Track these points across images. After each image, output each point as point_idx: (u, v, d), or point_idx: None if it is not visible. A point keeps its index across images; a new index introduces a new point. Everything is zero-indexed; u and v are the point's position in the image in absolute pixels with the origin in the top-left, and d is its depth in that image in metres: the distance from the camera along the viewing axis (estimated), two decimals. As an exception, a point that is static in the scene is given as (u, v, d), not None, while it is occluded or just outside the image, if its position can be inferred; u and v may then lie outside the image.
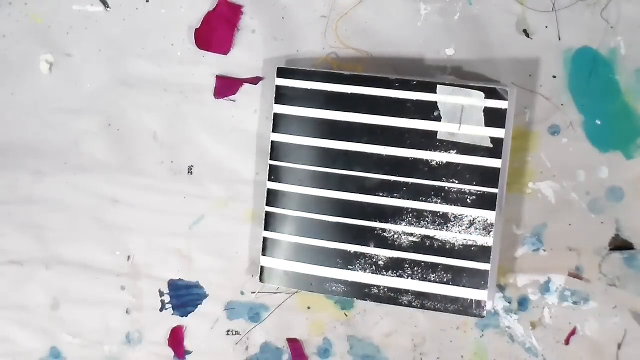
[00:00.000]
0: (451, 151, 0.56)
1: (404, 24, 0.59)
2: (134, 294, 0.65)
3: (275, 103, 0.59)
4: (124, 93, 0.64)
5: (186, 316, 0.64)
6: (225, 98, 0.62)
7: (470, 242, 0.56)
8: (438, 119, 0.56)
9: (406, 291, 0.58)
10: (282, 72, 0.58)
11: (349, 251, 0.58)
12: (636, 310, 0.58)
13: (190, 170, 0.63)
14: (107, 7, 0.63)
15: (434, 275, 0.57)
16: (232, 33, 0.61)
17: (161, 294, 0.64)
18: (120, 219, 0.64)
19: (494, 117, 0.55)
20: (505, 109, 0.55)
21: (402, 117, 0.56)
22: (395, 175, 0.57)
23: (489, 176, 0.56)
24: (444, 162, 0.56)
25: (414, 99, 0.56)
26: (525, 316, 0.60)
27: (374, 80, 0.57)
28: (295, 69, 0.58)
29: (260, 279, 0.60)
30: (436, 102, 0.56)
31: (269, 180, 0.59)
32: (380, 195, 0.57)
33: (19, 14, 0.64)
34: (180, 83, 0.63)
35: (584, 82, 0.58)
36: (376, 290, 0.58)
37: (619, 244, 0.58)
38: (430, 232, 0.57)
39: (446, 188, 0.56)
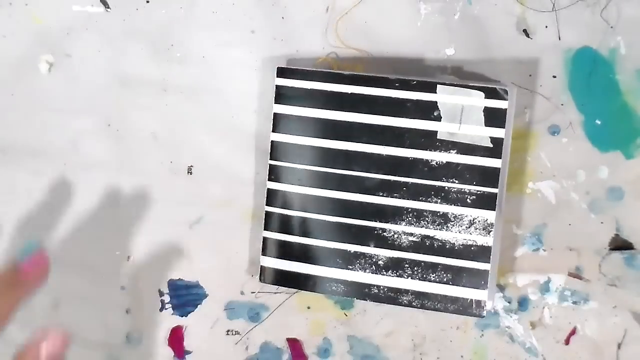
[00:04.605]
0: (451, 151, 0.56)
1: (404, 24, 0.59)
2: (134, 294, 0.65)
3: (275, 103, 0.59)
4: (124, 93, 0.64)
5: (186, 316, 0.64)
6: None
7: (470, 242, 0.56)
8: (438, 119, 0.56)
9: (406, 291, 0.58)
10: (282, 72, 0.58)
11: (349, 251, 0.58)
12: (636, 310, 0.58)
13: (190, 170, 0.63)
14: (108, 7, 0.63)
15: (434, 275, 0.57)
16: None
17: (161, 294, 0.64)
18: (120, 219, 0.64)
19: (494, 117, 0.55)
20: (505, 109, 0.55)
21: (402, 117, 0.56)
22: (395, 175, 0.57)
23: (489, 176, 0.56)
24: (444, 162, 0.56)
25: (414, 99, 0.56)
26: (525, 316, 0.60)
27: (374, 80, 0.57)
28: (295, 69, 0.58)
29: (260, 279, 0.60)
30: (436, 102, 0.56)
31: (269, 180, 0.59)
32: (380, 195, 0.57)
33: (19, 14, 0.64)
34: (180, 83, 0.63)
35: (584, 82, 0.58)
36: (376, 290, 0.58)
37: (619, 244, 0.58)
38: (430, 232, 0.57)
39: (446, 188, 0.56)
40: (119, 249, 0.65)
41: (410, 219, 0.57)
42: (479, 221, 0.56)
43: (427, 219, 0.57)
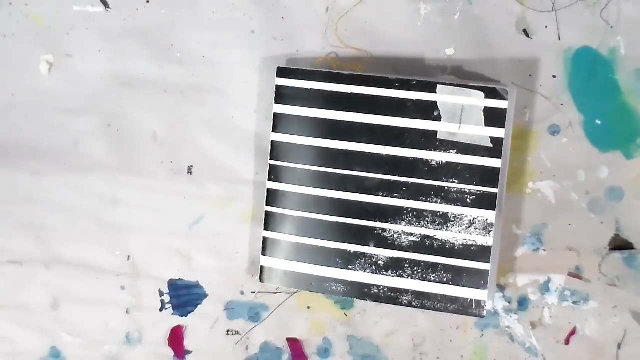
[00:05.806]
0: (451, 151, 0.56)
1: (404, 24, 0.59)
2: (134, 294, 0.65)
3: (275, 103, 0.59)
4: (124, 93, 0.64)
5: (186, 316, 0.64)
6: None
7: (470, 242, 0.56)
8: (438, 119, 0.56)
9: (406, 291, 0.58)
10: (282, 72, 0.58)
11: (349, 251, 0.58)
12: (636, 310, 0.58)
13: (190, 170, 0.63)
14: (108, 7, 0.63)
15: (434, 275, 0.57)
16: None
17: (161, 294, 0.64)
18: (120, 219, 0.64)
19: (494, 117, 0.55)
20: (505, 109, 0.55)
21: (402, 117, 0.57)
22: (395, 175, 0.57)
23: (489, 176, 0.56)
24: (444, 162, 0.56)
25: (414, 99, 0.56)
26: (525, 316, 0.60)
27: (374, 80, 0.57)
28: (295, 69, 0.58)
29: (260, 279, 0.60)
30: (436, 102, 0.56)
31: (269, 180, 0.59)
32: (380, 195, 0.57)
33: (20, 14, 0.64)
34: (180, 83, 0.63)
35: (584, 82, 0.58)
36: (376, 290, 0.58)
37: (619, 244, 0.58)
38: (431, 232, 0.57)
39: (446, 188, 0.56)
40: (119, 249, 0.65)
41: (410, 219, 0.57)
42: (479, 221, 0.56)
43: (427, 219, 0.57)
